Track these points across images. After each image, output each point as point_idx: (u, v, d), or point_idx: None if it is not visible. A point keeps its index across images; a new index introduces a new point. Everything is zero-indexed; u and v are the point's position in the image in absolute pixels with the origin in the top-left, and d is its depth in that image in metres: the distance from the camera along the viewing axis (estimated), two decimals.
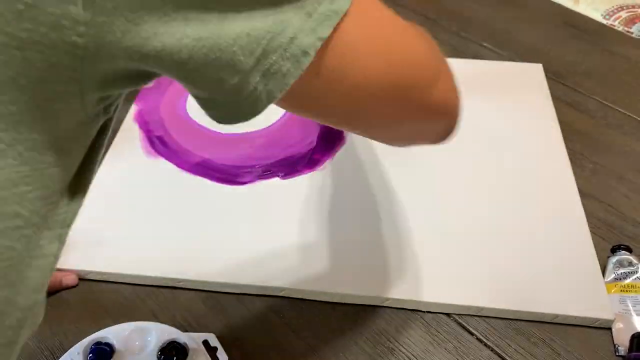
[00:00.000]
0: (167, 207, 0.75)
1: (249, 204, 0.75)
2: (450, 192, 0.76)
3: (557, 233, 0.71)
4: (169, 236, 0.71)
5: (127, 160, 0.81)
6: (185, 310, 0.65)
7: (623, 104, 0.91)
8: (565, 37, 1.06)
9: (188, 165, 0.80)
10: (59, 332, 0.63)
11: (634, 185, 0.79)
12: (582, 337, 0.62)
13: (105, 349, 0.60)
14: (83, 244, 0.70)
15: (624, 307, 0.63)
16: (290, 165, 0.80)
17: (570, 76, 0.97)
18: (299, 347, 0.62)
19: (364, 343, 0.62)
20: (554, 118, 0.87)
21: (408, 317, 0.64)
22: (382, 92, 0.41)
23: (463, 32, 1.07)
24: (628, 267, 0.65)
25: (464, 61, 0.99)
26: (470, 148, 0.82)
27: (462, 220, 0.72)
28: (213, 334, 0.61)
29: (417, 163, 0.80)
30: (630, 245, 0.68)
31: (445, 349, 0.62)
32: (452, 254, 0.69)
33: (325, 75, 0.37)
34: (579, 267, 0.67)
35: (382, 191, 0.76)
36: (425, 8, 1.14)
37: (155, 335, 0.60)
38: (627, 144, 0.85)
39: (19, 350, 0.38)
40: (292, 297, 0.66)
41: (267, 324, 0.64)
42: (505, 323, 0.64)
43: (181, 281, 0.67)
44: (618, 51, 1.02)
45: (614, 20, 1.12)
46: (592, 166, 0.81)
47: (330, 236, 0.71)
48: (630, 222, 0.73)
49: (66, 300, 0.66)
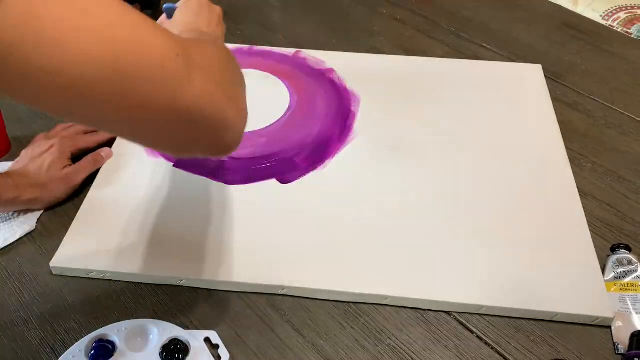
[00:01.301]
0: (167, 206, 0.75)
1: (249, 203, 0.75)
2: (450, 191, 0.76)
3: (557, 232, 0.71)
4: (169, 235, 0.71)
5: (127, 160, 0.81)
6: (186, 309, 0.65)
7: (622, 104, 0.92)
8: (564, 37, 1.07)
9: (189, 165, 0.80)
10: (60, 329, 0.63)
11: (633, 184, 0.79)
12: (581, 336, 0.62)
13: (107, 346, 0.60)
14: (84, 244, 0.70)
15: (624, 306, 0.63)
16: (292, 164, 0.80)
17: (570, 76, 0.97)
18: (300, 344, 0.62)
19: (365, 341, 0.62)
20: (553, 118, 0.87)
21: (408, 315, 0.65)
22: (96, 76, 0.36)
23: (463, 33, 1.08)
24: (628, 266, 0.66)
25: (464, 61, 0.99)
26: (471, 148, 0.82)
27: (462, 219, 0.73)
28: (215, 332, 0.61)
29: (418, 163, 0.80)
30: (629, 244, 0.68)
31: (445, 346, 0.62)
32: (453, 253, 0.69)
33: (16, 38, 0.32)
34: (579, 265, 0.67)
35: (382, 190, 0.76)
36: (424, 9, 1.14)
37: (157, 332, 0.61)
38: (626, 144, 0.85)
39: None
40: (293, 295, 0.66)
41: (268, 322, 0.64)
42: (505, 321, 0.64)
43: (182, 280, 0.67)
44: (617, 52, 1.03)
45: (613, 21, 1.12)
46: (591, 166, 0.81)
47: (331, 235, 0.71)
48: (629, 222, 0.74)
49: (67, 299, 0.66)
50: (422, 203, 0.75)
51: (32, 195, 0.72)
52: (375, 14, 1.14)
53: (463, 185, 0.77)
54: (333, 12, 1.14)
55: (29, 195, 0.72)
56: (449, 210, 0.74)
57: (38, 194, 0.73)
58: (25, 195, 0.72)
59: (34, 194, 0.72)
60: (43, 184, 0.73)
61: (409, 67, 0.97)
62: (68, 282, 0.68)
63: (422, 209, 0.74)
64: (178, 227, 0.72)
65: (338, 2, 1.17)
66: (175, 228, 0.72)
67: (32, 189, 0.72)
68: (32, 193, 0.72)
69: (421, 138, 0.84)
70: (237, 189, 0.77)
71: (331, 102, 0.90)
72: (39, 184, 0.73)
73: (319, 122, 0.87)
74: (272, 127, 0.86)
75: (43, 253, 0.71)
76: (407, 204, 0.75)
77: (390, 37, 1.07)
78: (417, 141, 0.83)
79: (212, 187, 0.77)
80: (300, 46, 1.01)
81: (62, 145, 0.77)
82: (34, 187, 0.73)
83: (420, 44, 1.05)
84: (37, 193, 0.73)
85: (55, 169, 0.74)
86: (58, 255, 0.69)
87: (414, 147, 0.83)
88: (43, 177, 0.73)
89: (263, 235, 0.71)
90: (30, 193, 0.72)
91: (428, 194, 0.76)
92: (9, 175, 0.72)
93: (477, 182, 0.77)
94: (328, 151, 0.82)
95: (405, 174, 0.79)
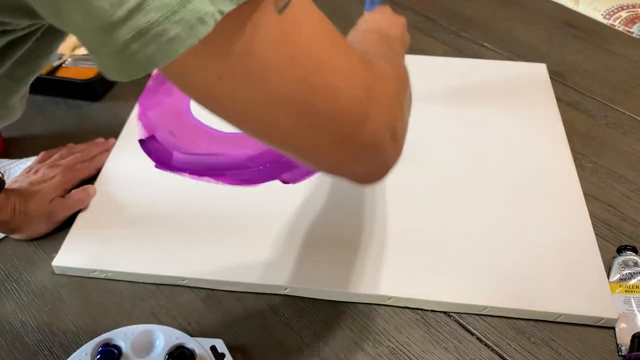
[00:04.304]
0: (169, 206, 0.74)
1: (251, 203, 0.75)
2: (454, 191, 0.76)
3: (561, 232, 0.71)
4: (169, 235, 0.71)
5: (128, 160, 0.81)
6: (186, 310, 0.65)
7: (623, 104, 0.91)
8: (565, 37, 1.06)
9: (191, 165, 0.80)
10: (58, 332, 0.63)
11: (634, 185, 0.79)
12: (582, 337, 0.62)
13: (113, 351, 0.59)
14: (84, 244, 0.70)
15: (628, 307, 0.63)
16: (294, 164, 0.79)
17: (570, 76, 0.97)
18: (299, 346, 0.62)
19: (364, 342, 0.62)
20: (558, 118, 0.86)
21: (408, 317, 0.64)
22: (289, 111, 0.38)
23: (463, 32, 1.07)
24: (633, 268, 0.65)
25: (468, 60, 0.99)
26: (475, 147, 0.82)
27: (466, 219, 0.72)
28: (221, 340, 0.60)
29: (421, 163, 0.79)
30: (635, 246, 0.68)
31: (445, 348, 0.61)
32: (456, 254, 0.68)
33: (225, 65, 0.34)
34: (583, 266, 0.67)
35: (385, 190, 0.76)
36: (425, 8, 1.14)
37: (163, 338, 0.60)
38: (627, 143, 0.85)
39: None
40: (293, 296, 0.66)
41: (267, 323, 0.64)
42: (506, 323, 0.64)
43: (184, 280, 0.67)
44: (618, 51, 1.02)
45: (614, 20, 1.12)
46: (592, 166, 0.81)
47: (332, 235, 0.71)
48: (630, 222, 0.73)
49: (65, 301, 0.66)
50: (425, 203, 0.74)
51: (17, 224, 0.69)
52: None
53: (466, 186, 0.77)
54: (332, 12, 1.13)
55: (15, 224, 0.69)
56: (452, 210, 0.74)
57: (22, 225, 0.70)
58: (14, 222, 0.69)
59: (19, 223, 0.69)
60: (30, 216, 0.70)
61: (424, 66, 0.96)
62: (66, 284, 0.67)
63: (424, 209, 0.74)
64: (180, 228, 0.72)
65: (338, 2, 1.17)
66: (177, 228, 0.72)
67: (21, 218, 0.69)
68: (18, 222, 0.69)
69: (424, 138, 0.83)
70: (240, 190, 0.76)
71: None
72: (28, 214, 0.69)
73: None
74: None
75: (41, 255, 0.70)
76: (408, 204, 0.74)
77: None
78: (420, 141, 0.82)
79: (214, 188, 0.77)
80: None
81: (64, 176, 0.74)
82: (24, 216, 0.69)
83: (421, 43, 1.04)
84: (22, 223, 0.70)
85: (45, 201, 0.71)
86: (60, 255, 0.69)
87: (416, 147, 0.81)
88: (32, 209, 0.70)
89: (265, 235, 0.71)
90: (17, 222, 0.69)
91: (430, 194, 0.76)
92: (9, 197, 0.69)
93: (480, 182, 0.77)
94: None
95: (407, 174, 0.78)
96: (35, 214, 0.70)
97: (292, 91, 0.37)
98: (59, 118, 0.89)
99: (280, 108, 0.38)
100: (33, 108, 0.90)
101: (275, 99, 0.37)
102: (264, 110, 0.38)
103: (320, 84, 0.39)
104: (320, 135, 0.41)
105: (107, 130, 0.86)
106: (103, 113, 0.90)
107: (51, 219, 0.72)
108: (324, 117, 0.40)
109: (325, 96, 0.39)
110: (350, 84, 0.41)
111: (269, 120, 0.39)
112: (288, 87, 0.37)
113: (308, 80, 0.38)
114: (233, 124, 0.40)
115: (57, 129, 0.87)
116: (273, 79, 0.36)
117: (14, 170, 0.79)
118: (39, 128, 0.87)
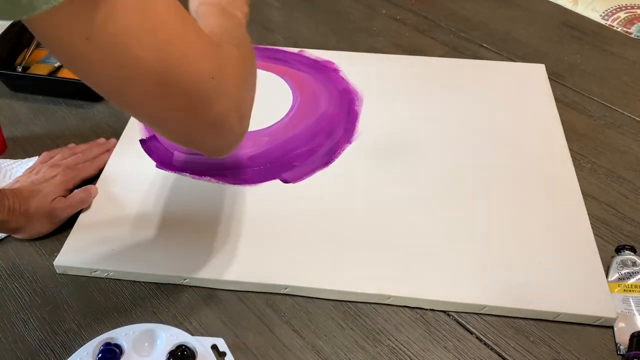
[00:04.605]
0: (170, 206, 0.75)
1: (250, 202, 0.75)
2: (452, 190, 0.76)
3: (560, 231, 0.71)
4: (170, 235, 0.71)
5: (129, 159, 0.81)
6: (187, 309, 0.65)
7: (622, 104, 0.91)
8: (564, 37, 1.07)
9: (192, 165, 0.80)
10: (60, 331, 0.63)
11: (632, 185, 0.79)
12: (580, 336, 0.62)
13: (114, 350, 0.60)
14: (85, 243, 0.70)
15: (627, 307, 0.63)
16: (294, 164, 0.80)
17: (569, 76, 0.97)
18: (299, 345, 0.62)
19: (364, 342, 0.62)
20: (556, 118, 0.87)
21: (408, 316, 0.65)
22: (147, 77, 0.42)
23: (462, 33, 1.08)
24: (632, 267, 0.66)
25: (466, 61, 0.99)
26: (473, 147, 0.82)
27: (465, 219, 0.73)
28: (222, 339, 0.61)
29: (420, 163, 0.80)
30: (634, 246, 0.68)
31: (444, 347, 0.62)
32: (456, 253, 0.69)
33: (91, 26, 0.38)
34: (582, 265, 0.67)
35: (383, 190, 0.76)
36: (424, 9, 1.14)
37: (164, 337, 0.61)
38: (625, 144, 0.85)
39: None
40: (293, 295, 0.66)
41: (268, 322, 0.64)
42: (505, 322, 0.64)
43: (185, 279, 0.67)
44: (617, 52, 1.03)
45: (613, 21, 1.12)
46: (591, 166, 0.81)
47: (332, 234, 0.71)
48: (628, 222, 0.74)
49: (67, 300, 0.66)
50: (424, 203, 0.75)
51: (18, 224, 0.69)
52: (375, 14, 1.14)
53: (465, 185, 0.77)
54: (333, 12, 1.14)
55: (16, 223, 0.69)
56: (451, 210, 0.74)
57: (23, 224, 0.69)
58: (14, 222, 0.68)
59: (20, 223, 0.69)
60: (32, 215, 0.70)
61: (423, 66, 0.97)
62: (67, 283, 0.68)
63: (424, 209, 0.74)
64: (181, 227, 0.72)
65: (338, 2, 1.17)
66: (178, 227, 0.72)
67: (22, 217, 0.69)
68: (19, 222, 0.69)
69: (424, 138, 0.84)
70: (240, 190, 0.77)
71: (334, 101, 0.90)
72: (29, 213, 0.69)
73: (322, 122, 0.86)
74: (275, 127, 0.86)
75: (42, 254, 0.71)
76: (409, 203, 0.75)
77: (390, 37, 1.07)
78: (420, 141, 0.83)
79: (215, 187, 0.77)
80: (300, 46, 1.01)
81: (65, 175, 0.75)
82: (25, 216, 0.69)
83: (420, 44, 1.05)
84: (23, 223, 0.69)
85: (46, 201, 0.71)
86: (61, 254, 0.69)
87: (416, 147, 0.83)
88: (33, 208, 0.70)
89: (266, 234, 0.71)
90: (18, 221, 0.69)
91: (430, 194, 0.76)
92: (6, 196, 0.68)
93: (479, 182, 0.77)
94: (331, 151, 0.82)
95: (407, 174, 0.79)
96: (36, 214, 0.70)
97: (150, 59, 0.41)
98: (61, 118, 0.89)
99: (139, 75, 0.42)
100: (35, 108, 0.91)
101: (135, 67, 0.41)
102: (124, 75, 0.42)
103: (176, 55, 0.43)
104: (173, 106, 0.46)
105: (108, 130, 0.86)
106: (104, 113, 0.90)
107: (53, 219, 0.72)
108: (177, 88, 0.44)
109: (180, 67, 0.43)
110: (202, 57, 0.45)
111: (128, 86, 0.43)
112: (147, 55, 0.41)
113: (165, 50, 0.42)
114: (97, 89, 0.44)
115: (58, 129, 0.88)
116: (134, 44, 0.40)
117: (15, 171, 0.79)
118: (41, 128, 0.87)
